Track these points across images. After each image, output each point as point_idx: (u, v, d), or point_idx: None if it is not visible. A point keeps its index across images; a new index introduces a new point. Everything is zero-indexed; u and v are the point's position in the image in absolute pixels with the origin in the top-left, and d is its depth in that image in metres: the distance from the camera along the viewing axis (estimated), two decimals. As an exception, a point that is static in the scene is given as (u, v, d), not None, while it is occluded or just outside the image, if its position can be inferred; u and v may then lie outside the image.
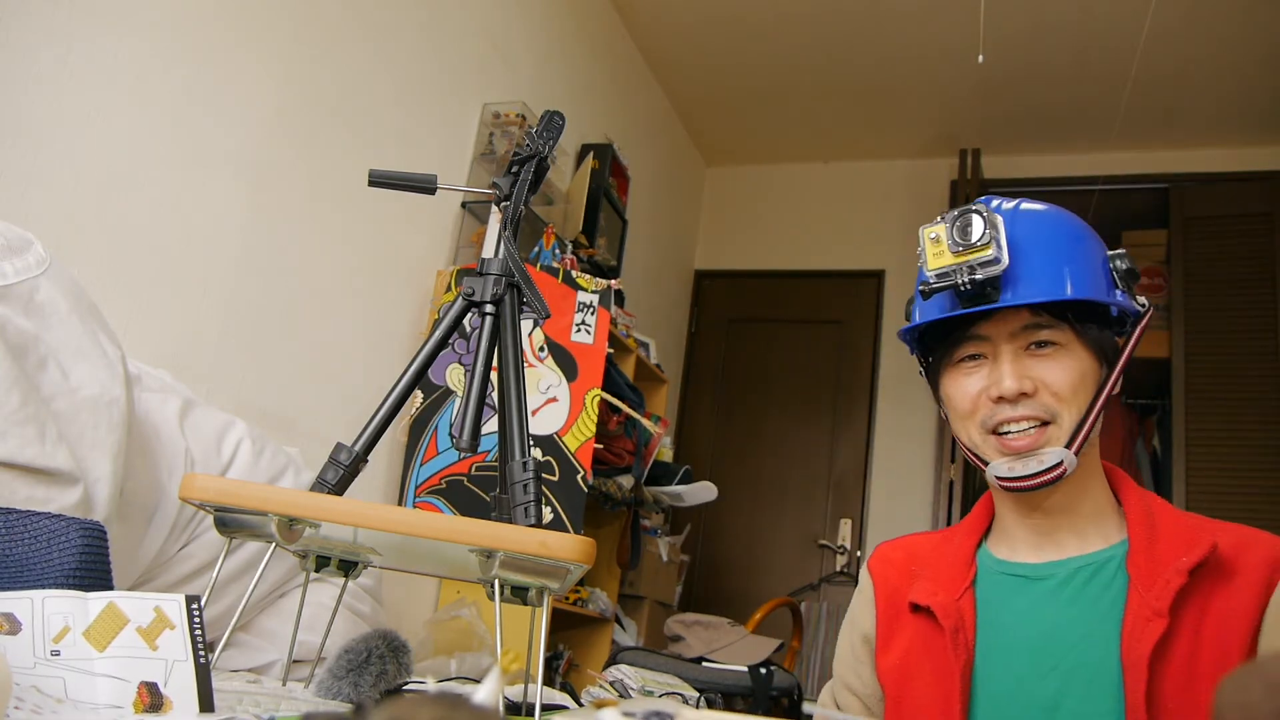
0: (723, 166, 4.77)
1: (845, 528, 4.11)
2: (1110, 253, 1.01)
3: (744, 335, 4.54)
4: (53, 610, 0.63)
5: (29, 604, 0.62)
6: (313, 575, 0.96)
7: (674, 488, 3.00)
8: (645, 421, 2.80)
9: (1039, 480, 0.96)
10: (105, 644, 0.63)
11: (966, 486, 3.61)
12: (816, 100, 4.10)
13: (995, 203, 1.02)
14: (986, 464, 1.00)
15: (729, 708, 2.21)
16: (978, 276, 0.95)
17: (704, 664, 2.32)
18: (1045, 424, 0.97)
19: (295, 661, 1.13)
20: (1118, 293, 0.99)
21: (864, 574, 1.16)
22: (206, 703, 0.64)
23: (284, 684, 0.97)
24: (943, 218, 0.98)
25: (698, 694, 2.14)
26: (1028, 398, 0.97)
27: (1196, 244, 3.66)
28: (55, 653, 0.62)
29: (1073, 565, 0.99)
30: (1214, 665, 0.89)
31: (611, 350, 2.55)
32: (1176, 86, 3.64)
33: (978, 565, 1.05)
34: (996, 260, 0.94)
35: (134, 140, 1.71)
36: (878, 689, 1.10)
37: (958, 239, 0.96)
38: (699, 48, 3.83)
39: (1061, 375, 0.96)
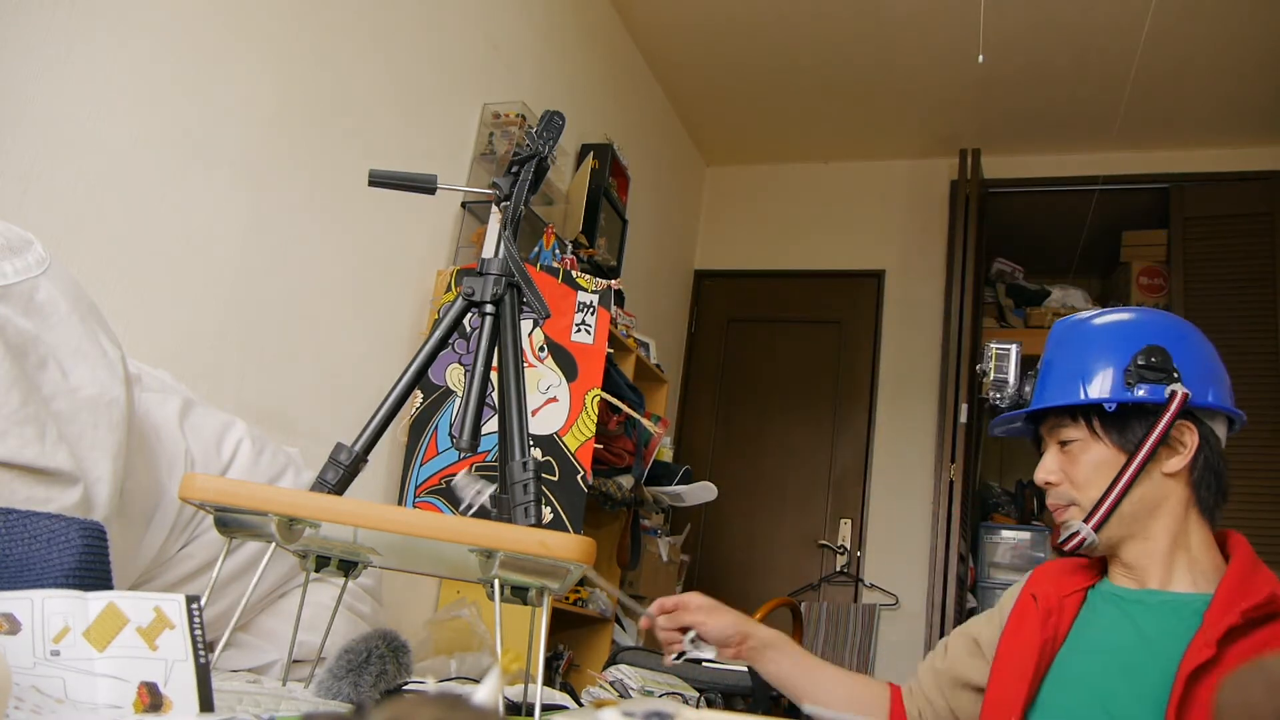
0: (723, 166, 4.76)
1: (845, 528, 4.11)
2: (1139, 350, 1.15)
3: (744, 335, 4.53)
4: (53, 610, 0.62)
5: (29, 604, 0.62)
6: (313, 575, 0.96)
7: (674, 488, 3.00)
8: (645, 421, 2.80)
9: (1065, 548, 1.18)
10: (105, 644, 0.63)
11: (966, 487, 3.61)
12: (816, 100, 4.10)
13: (1083, 314, 1.24)
14: None
15: (729, 708, 2.21)
16: (1000, 397, 1.23)
17: (704, 664, 2.32)
18: (1071, 504, 1.17)
19: (295, 661, 1.13)
20: (1137, 389, 1.13)
21: (1019, 583, 1.30)
22: (206, 703, 0.64)
23: (284, 684, 0.97)
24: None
25: (698, 694, 2.14)
26: (1054, 486, 1.19)
27: (1196, 244, 3.66)
28: (55, 653, 0.62)
29: (1162, 596, 1.14)
30: None
31: (611, 350, 2.55)
32: (1176, 86, 3.64)
33: (1096, 585, 1.23)
34: (1000, 385, 1.21)
35: (134, 140, 1.70)
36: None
37: (984, 367, 1.24)
38: (699, 48, 3.82)
39: (1077, 470, 1.16)
